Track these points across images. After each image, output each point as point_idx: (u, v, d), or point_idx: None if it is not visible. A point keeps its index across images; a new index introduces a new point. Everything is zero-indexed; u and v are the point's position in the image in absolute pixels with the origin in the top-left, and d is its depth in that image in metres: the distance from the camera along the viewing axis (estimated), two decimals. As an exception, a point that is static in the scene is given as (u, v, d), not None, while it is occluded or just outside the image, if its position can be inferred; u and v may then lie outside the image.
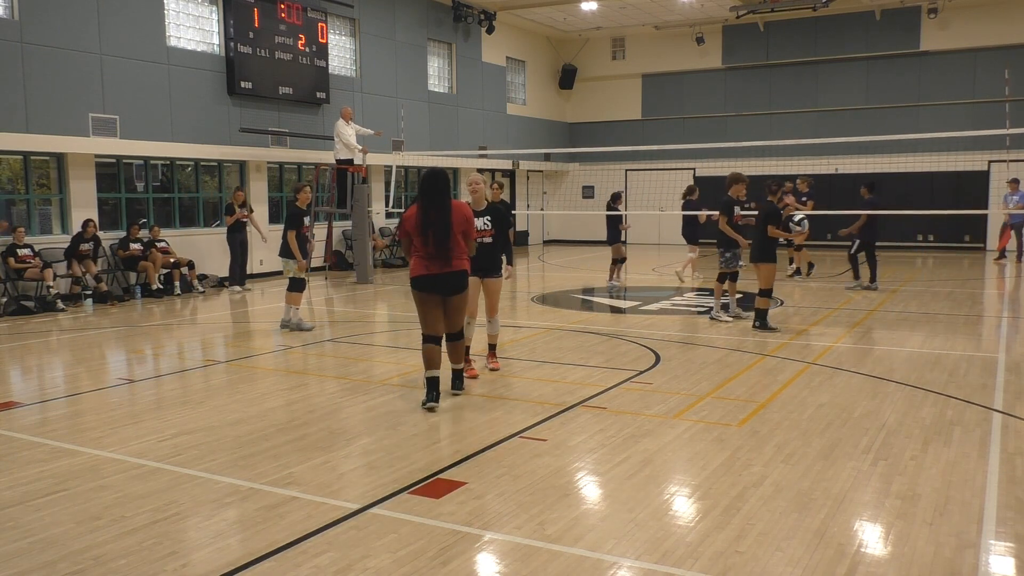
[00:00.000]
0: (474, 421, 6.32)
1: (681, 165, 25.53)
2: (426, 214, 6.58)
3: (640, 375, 7.81)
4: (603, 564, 3.86)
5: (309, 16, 17.71)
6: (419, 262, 6.68)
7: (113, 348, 9.78)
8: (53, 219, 14.03)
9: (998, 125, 17.92)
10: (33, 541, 4.18)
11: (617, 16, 24.53)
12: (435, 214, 6.56)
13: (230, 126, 16.36)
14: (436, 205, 6.58)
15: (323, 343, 9.80)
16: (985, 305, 12.84)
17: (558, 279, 17.09)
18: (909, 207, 20.59)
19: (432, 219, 6.56)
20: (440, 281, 6.66)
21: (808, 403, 6.71)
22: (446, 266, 6.63)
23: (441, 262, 6.61)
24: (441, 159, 21.71)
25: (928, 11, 22.51)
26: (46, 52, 13.18)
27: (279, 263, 11.09)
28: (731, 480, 4.93)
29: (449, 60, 23.11)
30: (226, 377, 8.08)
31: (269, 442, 5.81)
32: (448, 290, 6.72)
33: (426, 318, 6.76)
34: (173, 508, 4.60)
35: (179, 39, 15.57)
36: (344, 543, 4.11)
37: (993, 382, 7.41)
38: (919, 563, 3.84)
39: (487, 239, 7.69)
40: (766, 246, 10.15)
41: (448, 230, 6.59)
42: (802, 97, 24.54)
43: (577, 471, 5.18)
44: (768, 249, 10.16)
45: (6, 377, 8.28)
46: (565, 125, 28.36)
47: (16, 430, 6.23)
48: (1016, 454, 5.39)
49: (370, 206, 17.00)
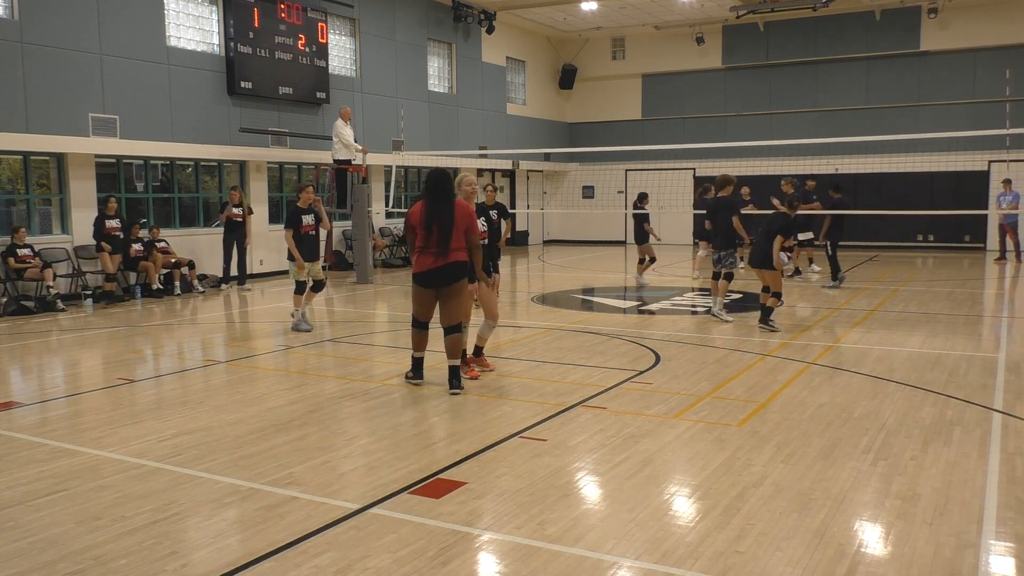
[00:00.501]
0: (474, 421, 6.32)
1: (681, 165, 25.54)
2: (431, 209, 6.99)
3: (640, 375, 7.81)
4: (603, 564, 3.86)
5: (309, 16, 17.72)
6: (420, 257, 7.07)
7: (113, 348, 9.78)
8: (53, 219, 14.03)
9: (998, 125, 17.92)
10: (33, 541, 4.18)
11: (617, 16, 24.53)
12: (439, 210, 6.97)
13: (230, 126, 16.36)
14: (440, 201, 7.00)
15: (323, 343, 9.81)
16: (985, 305, 12.84)
17: (558, 279, 17.09)
18: (909, 207, 20.60)
19: (436, 214, 6.97)
20: (437, 274, 7.05)
21: (808, 403, 6.71)
22: (444, 259, 6.99)
23: (440, 255, 6.98)
24: (441, 159, 21.73)
25: (928, 11, 22.51)
26: (46, 52, 13.18)
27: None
28: (731, 480, 4.93)
29: (449, 60, 23.11)
30: (226, 377, 8.08)
31: (269, 442, 5.81)
32: (444, 280, 7.07)
33: (419, 307, 7.29)
34: (173, 508, 4.60)
35: (179, 39, 15.57)
36: (344, 543, 4.11)
37: (993, 382, 7.41)
38: (919, 563, 3.84)
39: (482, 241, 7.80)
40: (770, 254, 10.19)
41: (451, 225, 6.96)
42: (802, 97, 24.55)
43: (577, 471, 5.18)
44: (771, 257, 10.21)
45: (6, 377, 8.28)
46: (565, 125, 28.36)
47: (16, 430, 6.23)
48: (1016, 454, 5.39)
49: (370, 206, 17.00)
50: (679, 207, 23.52)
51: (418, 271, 7.09)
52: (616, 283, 16.18)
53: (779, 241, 10.12)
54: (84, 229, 13.85)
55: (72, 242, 13.80)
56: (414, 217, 7.09)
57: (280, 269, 17.67)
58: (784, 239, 10.22)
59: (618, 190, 26.68)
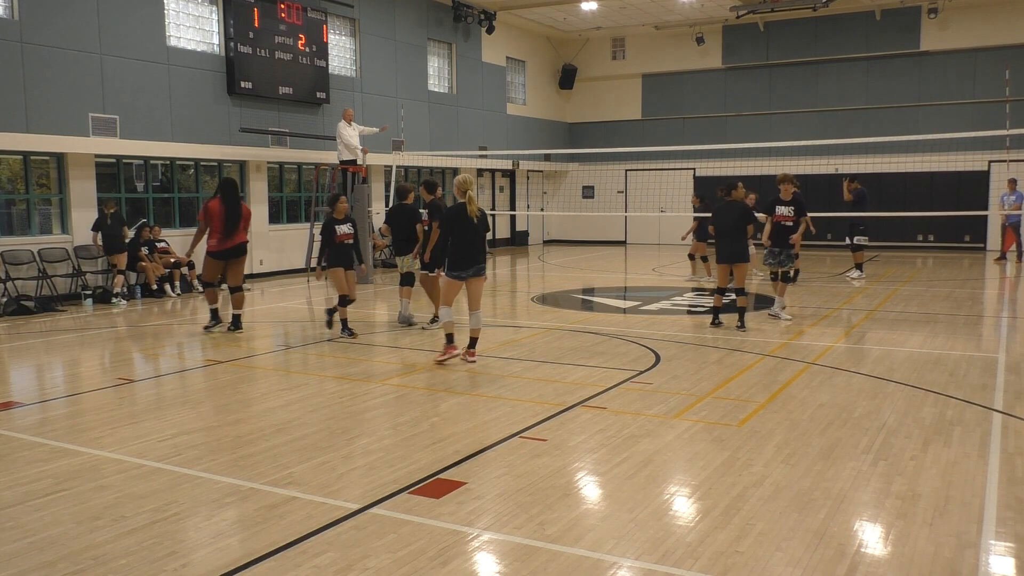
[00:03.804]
0: (474, 421, 6.32)
1: (681, 165, 25.54)
2: (226, 206, 10.15)
3: (640, 375, 7.80)
4: (603, 564, 3.85)
5: (309, 16, 17.72)
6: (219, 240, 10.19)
7: (113, 348, 9.78)
8: (53, 219, 14.03)
9: (998, 125, 17.93)
10: (33, 541, 4.18)
11: (617, 16, 24.53)
12: (232, 207, 10.18)
13: (230, 126, 16.36)
14: (233, 201, 10.24)
15: (323, 343, 9.81)
16: (985, 305, 12.84)
17: (558, 279, 17.08)
18: (909, 207, 20.62)
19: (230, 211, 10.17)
20: (228, 251, 10.29)
21: (808, 403, 6.71)
22: (232, 241, 10.24)
23: (230, 238, 10.22)
24: (441, 159, 21.74)
25: (928, 11, 22.51)
26: (46, 52, 13.19)
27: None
28: (731, 480, 4.93)
29: (449, 60, 23.11)
30: (226, 377, 8.08)
31: (269, 442, 5.81)
32: (232, 255, 10.35)
33: (211, 272, 10.46)
34: (173, 508, 4.60)
35: (179, 39, 15.57)
36: (344, 543, 4.10)
37: (993, 382, 7.41)
38: (919, 563, 3.84)
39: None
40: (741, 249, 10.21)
41: (239, 218, 10.25)
42: (802, 97, 24.55)
43: (577, 471, 5.18)
44: (745, 249, 10.21)
45: (6, 377, 8.28)
46: (565, 125, 28.36)
47: (16, 430, 6.23)
48: (1016, 454, 5.39)
49: (370, 206, 17.00)
50: (679, 207, 23.50)
51: (218, 249, 10.17)
52: (616, 283, 16.17)
53: (750, 230, 10.16)
54: (84, 229, 13.86)
55: (72, 242, 13.80)
56: (213, 211, 10.09)
57: (280, 269, 17.69)
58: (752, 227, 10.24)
59: (618, 190, 26.69)
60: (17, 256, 12.95)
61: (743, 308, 10.35)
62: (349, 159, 16.34)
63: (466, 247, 8.21)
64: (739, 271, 10.27)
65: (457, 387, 7.45)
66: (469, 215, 8.14)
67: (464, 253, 8.20)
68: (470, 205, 8.15)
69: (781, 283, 11.12)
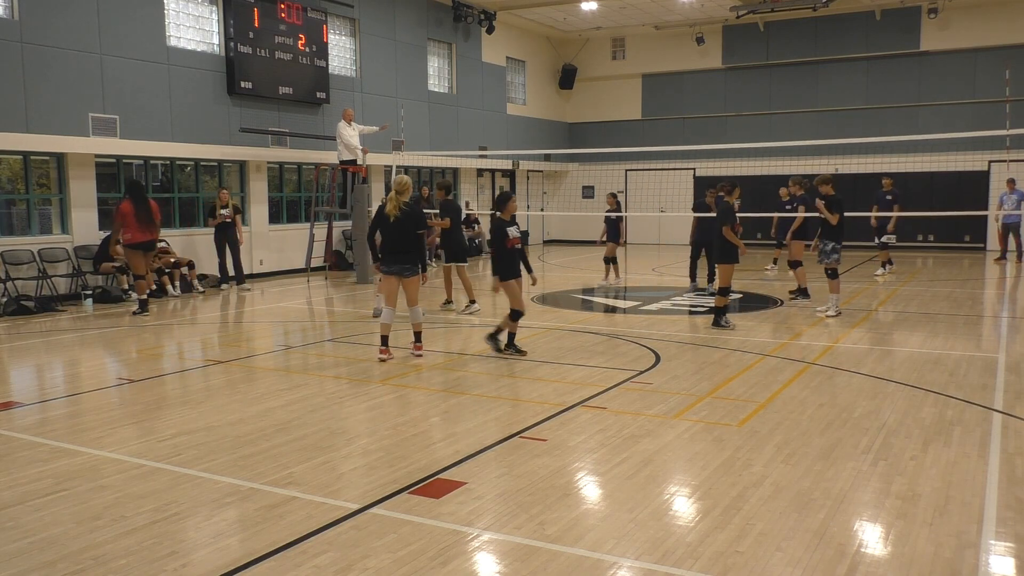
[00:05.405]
0: (474, 421, 6.32)
1: (681, 165, 25.54)
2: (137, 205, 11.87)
3: (640, 375, 7.81)
4: (603, 564, 3.86)
5: (309, 16, 17.72)
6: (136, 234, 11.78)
7: (113, 348, 9.78)
8: (53, 219, 14.03)
9: (998, 125, 17.94)
10: (33, 541, 4.18)
11: (617, 16, 24.53)
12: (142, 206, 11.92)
13: (230, 126, 16.36)
14: (143, 200, 12.04)
15: (323, 343, 9.81)
16: (985, 305, 12.84)
17: (558, 279, 17.08)
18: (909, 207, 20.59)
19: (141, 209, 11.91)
20: (148, 244, 12.03)
21: (808, 403, 6.71)
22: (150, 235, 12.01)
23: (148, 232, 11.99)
24: (441, 159, 21.74)
25: (928, 11, 22.51)
26: (46, 52, 13.18)
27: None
28: (731, 480, 4.93)
29: (449, 60, 23.11)
30: (226, 377, 8.08)
31: (269, 442, 5.81)
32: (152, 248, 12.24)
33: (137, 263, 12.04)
34: (173, 508, 4.60)
35: (179, 39, 15.57)
36: (344, 543, 4.11)
37: (993, 382, 7.41)
38: (919, 563, 3.84)
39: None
40: (727, 247, 10.21)
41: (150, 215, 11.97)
42: (802, 97, 24.54)
43: (577, 471, 5.18)
44: (729, 250, 10.21)
45: (6, 377, 8.28)
46: (565, 125, 28.36)
47: (16, 430, 6.23)
48: (1016, 454, 5.39)
49: (370, 206, 16.99)
50: (681, 208, 23.50)
51: (138, 241, 11.83)
52: (616, 283, 16.16)
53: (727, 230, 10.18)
54: (84, 229, 13.86)
55: (72, 242, 13.79)
56: (126, 211, 11.78)
57: (280, 269, 17.68)
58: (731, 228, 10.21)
59: (618, 190, 26.65)
60: (17, 256, 12.96)
61: (717, 308, 10.38)
62: (349, 159, 16.34)
63: (387, 244, 8.71)
64: (719, 271, 10.45)
65: (457, 387, 7.45)
66: (387, 213, 8.66)
67: (385, 249, 8.73)
68: (389, 204, 8.67)
69: (829, 280, 11.29)
